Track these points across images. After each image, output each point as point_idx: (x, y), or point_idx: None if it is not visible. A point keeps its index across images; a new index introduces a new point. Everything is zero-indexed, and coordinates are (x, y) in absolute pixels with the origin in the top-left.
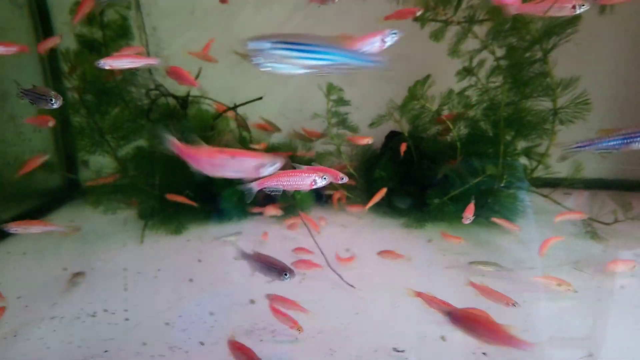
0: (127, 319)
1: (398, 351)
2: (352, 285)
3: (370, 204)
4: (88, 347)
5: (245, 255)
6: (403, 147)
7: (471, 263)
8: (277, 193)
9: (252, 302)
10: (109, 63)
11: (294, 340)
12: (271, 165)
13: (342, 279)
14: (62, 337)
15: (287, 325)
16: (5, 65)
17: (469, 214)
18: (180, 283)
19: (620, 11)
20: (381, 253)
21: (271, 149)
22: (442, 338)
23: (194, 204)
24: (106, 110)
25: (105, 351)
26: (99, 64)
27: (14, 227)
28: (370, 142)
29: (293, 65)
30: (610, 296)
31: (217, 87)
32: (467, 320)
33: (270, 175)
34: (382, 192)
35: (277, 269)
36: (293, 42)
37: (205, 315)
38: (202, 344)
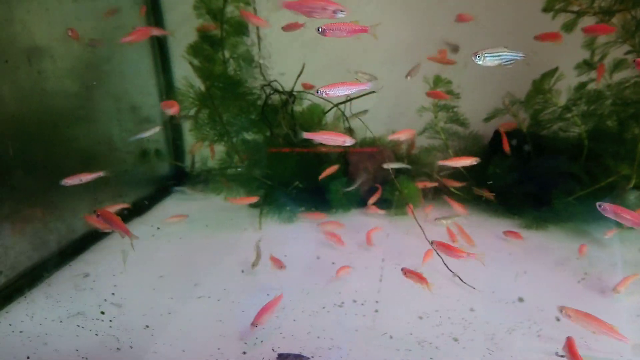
0: None
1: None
2: (472, 287)
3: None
4: None
5: None
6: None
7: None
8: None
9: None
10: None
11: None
12: None
13: (461, 280)
14: None
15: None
16: (125, 61)
17: None
18: None
19: None
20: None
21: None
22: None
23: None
24: (228, 104)
25: None
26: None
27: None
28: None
29: None
30: None
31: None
32: None
33: None
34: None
35: None
36: None
37: None
38: None
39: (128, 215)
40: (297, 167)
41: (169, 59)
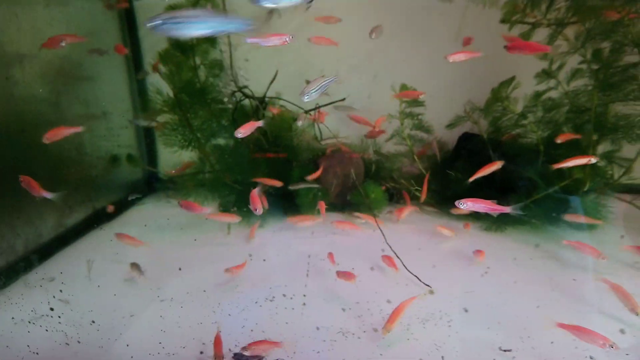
0: None
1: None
2: (428, 285)
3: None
4: None
5: None
6: None
7: None
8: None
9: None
10: None
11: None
12: None
13: (419, 279)
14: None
15: None
16: (97, 65)
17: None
18: None
19: None
20: None
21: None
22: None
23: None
24: (196, 110)
25: None
26: None
27: None
28: None
29: None
30: None
31: (288, 88)
32: None
33: None
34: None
35: None
36: None
37: None
38: None
39: (98, 220)
40: (268, 172)
41: (142, 65)
